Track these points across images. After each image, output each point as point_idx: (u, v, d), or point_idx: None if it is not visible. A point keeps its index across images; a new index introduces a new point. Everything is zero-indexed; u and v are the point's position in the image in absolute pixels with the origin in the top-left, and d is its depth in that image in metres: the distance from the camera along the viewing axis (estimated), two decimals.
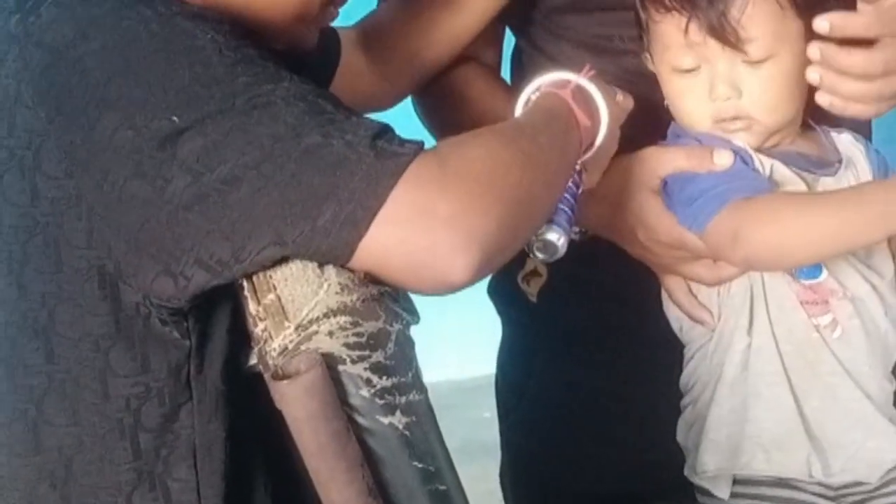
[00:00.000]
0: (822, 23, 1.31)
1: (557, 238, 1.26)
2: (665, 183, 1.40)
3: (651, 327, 1.50)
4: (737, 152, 1.37)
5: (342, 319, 1.09)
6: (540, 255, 1.28)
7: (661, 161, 1.40)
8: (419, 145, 1.10)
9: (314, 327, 1.08)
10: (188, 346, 1.13)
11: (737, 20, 1.34)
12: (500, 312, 1.73)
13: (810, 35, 1.34)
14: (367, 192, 1.06)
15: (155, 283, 1.09)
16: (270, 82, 1.09)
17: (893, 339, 1.43)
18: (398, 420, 1.10)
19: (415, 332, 1.16)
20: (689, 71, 1.39)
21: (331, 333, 1.09)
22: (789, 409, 1.39)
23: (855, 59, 1.33)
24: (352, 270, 1.10)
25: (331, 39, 1.50)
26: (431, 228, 1.07)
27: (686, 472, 1.46)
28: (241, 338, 1.14)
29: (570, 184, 1.30)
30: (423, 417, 1.13)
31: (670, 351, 1.48)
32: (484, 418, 2.06)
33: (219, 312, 1.14)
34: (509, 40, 1.66)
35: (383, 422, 1.10)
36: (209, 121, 1.07)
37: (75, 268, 1.12)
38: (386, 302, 1.11)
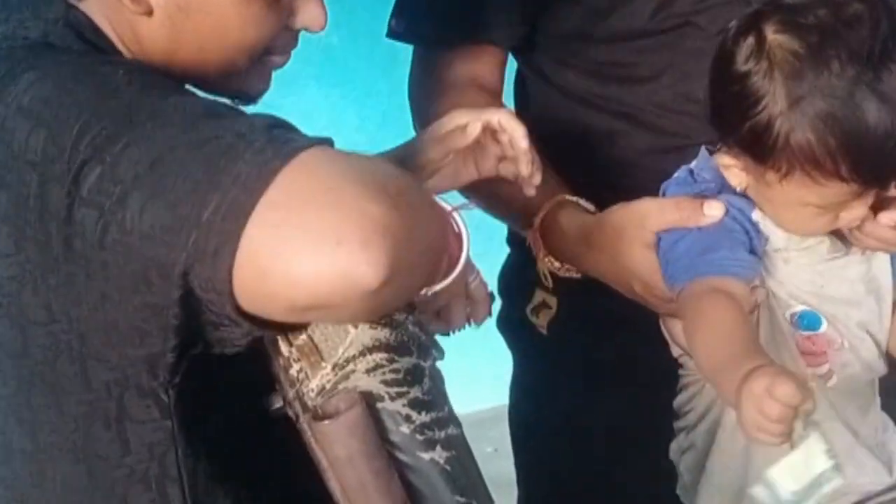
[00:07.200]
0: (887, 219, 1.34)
1: None
2: (659, 238, 1.39)
3: (662, 354, 1.50)
4: (731, 206, 1.34)
5: (378, 356, 1.09)
6: None
7: (654, 216, 1.38)
8: (323, 139, 1.02)
9: (351, 366, 1.08)
10: (170, 426, 1.08)
11: None
12: (510, 346, 1.73)
13: None
14: (251, 175, 0.97)
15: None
16: (172, 96, 1.05)
17: (883, 369, 1.43)
18: (439, 455, 1.10)
19: None
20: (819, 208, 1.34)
21: (368, 371, 1.09)
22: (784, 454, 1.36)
23: None
24: None
25: None
26: (338, 216, 0.96)
27: (678, 492, 1.46)
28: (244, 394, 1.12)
29: None
30: (461, 451, 1.13)
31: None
32: (487, 453, 2.05)
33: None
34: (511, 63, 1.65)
35: (424, 458, 1.10)
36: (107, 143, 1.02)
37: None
38: (417, 337, 1.11)
